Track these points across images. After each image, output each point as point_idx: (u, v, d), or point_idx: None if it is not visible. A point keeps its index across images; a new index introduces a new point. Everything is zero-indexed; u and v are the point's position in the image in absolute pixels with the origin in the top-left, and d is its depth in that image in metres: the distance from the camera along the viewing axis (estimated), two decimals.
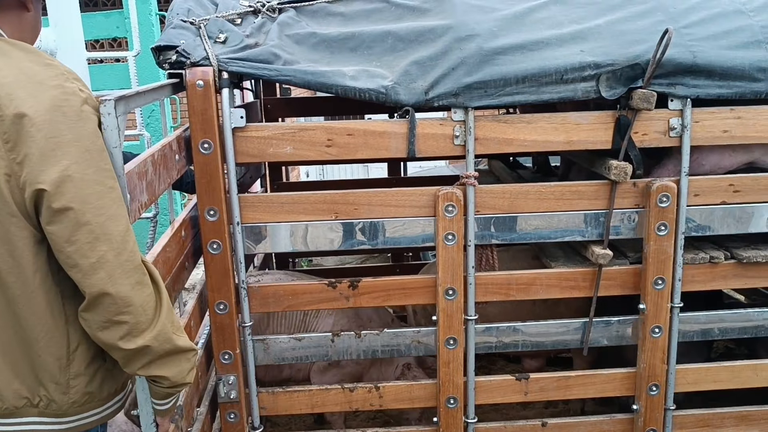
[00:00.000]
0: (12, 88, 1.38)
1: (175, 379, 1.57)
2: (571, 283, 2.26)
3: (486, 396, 2.34)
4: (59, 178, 1.36)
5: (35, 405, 1.55)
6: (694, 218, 2.22)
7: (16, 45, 1.48)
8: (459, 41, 2.08)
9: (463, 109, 2.07)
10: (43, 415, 1.56)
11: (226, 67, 2.00)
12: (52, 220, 1.39)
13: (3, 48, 1.45)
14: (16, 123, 1.36)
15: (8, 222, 1.41)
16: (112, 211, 1.44)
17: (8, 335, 1.50)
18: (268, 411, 2.31)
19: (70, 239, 1.40)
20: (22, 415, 1.55)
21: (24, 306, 1.47)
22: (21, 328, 1.49)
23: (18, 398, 1.54)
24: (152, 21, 4.80)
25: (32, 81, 1.40)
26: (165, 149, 1.85)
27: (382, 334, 2.29)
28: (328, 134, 2.08)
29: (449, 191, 2.11)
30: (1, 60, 1.42)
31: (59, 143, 1.37)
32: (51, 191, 1.36)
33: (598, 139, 2.14)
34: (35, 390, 1.54)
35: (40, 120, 1.36)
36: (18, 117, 1.36)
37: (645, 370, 2.30)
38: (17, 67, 1.41)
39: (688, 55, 2.08)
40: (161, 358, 1.53)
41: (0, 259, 1.44)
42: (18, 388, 1.53)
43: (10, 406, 1.54)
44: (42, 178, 1.36)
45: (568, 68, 2.05)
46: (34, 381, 1.54)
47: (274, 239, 2.16)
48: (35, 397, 1.55)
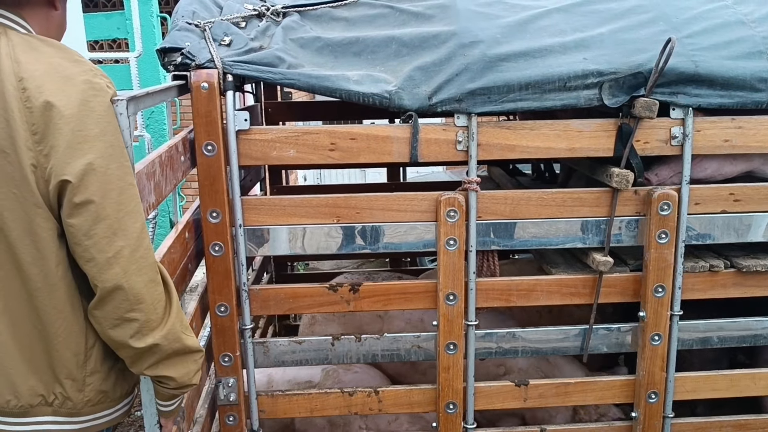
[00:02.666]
0: (42, 81, 1.40)
1: (182, 380, 1.58)
2: (571, 290, 2.27)
3: (485, 402, 2.34)
4: (83, 170, 1.39)
5: (50, 403, 1.55)
6: (695, 227, 2.23)
7: (45, 41, 1.51)
8: (463, 47, 2.10)
9: (466, 115, 2.08)
10: (57, 414, 1.57)
11: (230, 69, 2.00)
12: (73, 213, 1.41)
13: (33, 43, 1.47)
14: (45, 115, 1.38)
15: (33, 213, 1.42)
16: (131, 208, 1.46)
17: (27, 329, 1.51)
18: (267, 414, 2.31)
19: (89, 233, 1.41)
20: (36, 414, 1.56)
21: (45, 299, 1.48)
22: (40, 323, 1.50)
23: (33, 395, 1.54)
24: (153, 22, 4.81)
25: (61, 75, 1.43)
26: (171, 150, 1.86)
27: (382, 339, 2.29)
28: (331, 138, 2.09)
29: (451, 196, 2.12)
30: (32, 54, 1.44)
31: (86, 137, 1.40)
32: (75, 183, 1.39)
33: (600, 147, 2.15)
34: (51, 387, 1.55)
35: (69, 113, 1.39)
36: (47, 108, 1.38)
37: (644, 378, 2.31)
38: (47, 62, 1.44)
39: (690, 65, 2.10)
40: (169, 358, 1.54)
41: (24, 251, 1.45)
42: (34, 385, 1.54)
43: (25, 404, 1.54)
44: (67, 170, 1.38)
45: (571, 76, 2.07)
46: (50, 377, 1.54)
47: (276, 242, 2.16)
48: (50, 394, 1.55)
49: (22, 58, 1.42)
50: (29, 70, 1.41)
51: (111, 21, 4.99)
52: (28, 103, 1.39)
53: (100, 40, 5.90)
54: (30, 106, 1.39)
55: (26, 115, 1.39)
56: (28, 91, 1.39)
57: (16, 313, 1.50)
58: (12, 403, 1.54)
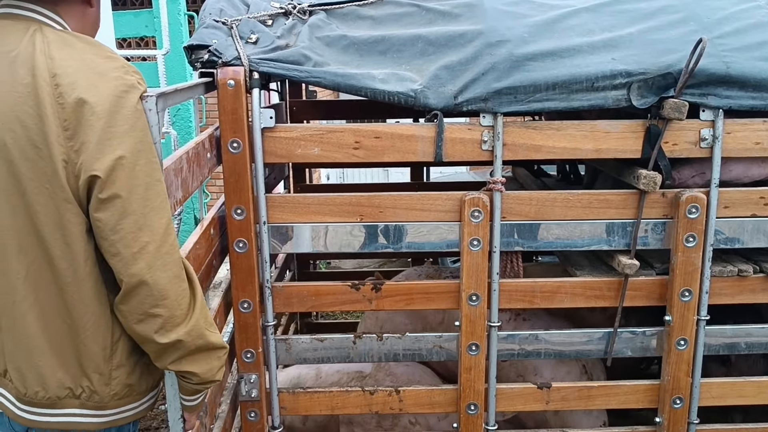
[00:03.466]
0: (75, 77, 1.42)
1: (205, 375, 1.59)
2: (596, 293, 2.25)
3: (507, 403, 2.33)
4: (112, 165, 1.40)
5: (77, 396, 1.57)
6: (723, 230, 2.19)
7: (79, 38, 1.53)
8: (490, 46, 2.08)
9: (492, 115, 2.07)
10: (84, 407, 1.59)
11: (257, 67, 2.01)
12: (100, 207, 1.42)
13: (68, 40, 1.49)
14: (77, 111, 1.40)
15: (63, 208, 1.44)
16: (157, 204, 1.47)
17: (57, 323, 1.53)
18: (288, 411, 2.31)
19: (115, 227, 1.43)
20: (63, 406, 1.58)
21: (74, 293, 1.50)
22: (69, 317, 1.52)
23: (61, 388, 1.56)
24: (181, 20, 4.84)
25: (94, 72, 1.44)
26: (198, 147, 1.87)
27: (404, 338, 2.29)
28: (355, 136, 2.09)
29: (476, 196, 2.11)
30: (66, 50, 1.46)
31: (115, 133, 1.41)
32: (103, 178, 1.40)
33: (628, 148, 2.13)
34: (78, 380, 1.57)
35: (100, 109, 1.41)
36: (79, 104, 1.40)
37: (669, 383, 2.28)
38: (80, 58, 1.46)
39: (721, 66, 2.06)
40: (193, 354, 1.55)
41: (55, 245, 1.47)
42: (62, 378, 1.55)
43: (53, 395, 1.56)
44: (97, 166, 1.40)
45: (599, 76, 2.04)
46: (78, 371, 1.56)
47: (300, 240, 2.16)
48: (78, 387, 1.57)
49: (56, 54, 1.44)
50: (62, 66, 1.42)
51: (139, 19, 5.04)
52: (61, 99, 1.40)
53: (129, 37, 5.97)
54: (62, 102, 1.40)
55: (58, 110, 1.40)
56: (60, 87, 1.40)
57: (46, 307, 1.52)
58: (40, 395, 1.56)
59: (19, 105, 1.41)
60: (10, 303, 1.52)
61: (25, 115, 1.41)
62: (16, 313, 1.52)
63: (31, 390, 1.56)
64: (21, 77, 1.42)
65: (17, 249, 1.48)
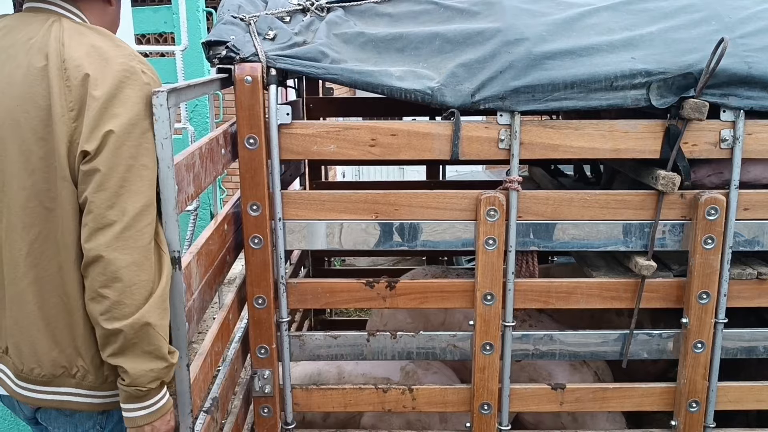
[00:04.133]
0: (81, 60, 1.50)
1: (134, 375, 1.52)
2: (612, 294, 2.23)
3: (520, 404, 2.31)
4: (100, 140, 1.47)
5: (73, 375, 1.61)
6: (743, 233, 2.16)
7: (94, 29, 1.61)
8: (508, 45, 2.07)
9: (509, 113, 2.05)
10: (80, 387, 1.62)
11: (274, 63, 2.01)
12: (82, 180, 1.49)
13: (82, 30, 1.59)
14: (82, 90, 1.48)
15: (61, 186, 1.51)
16: (136, 187, 1.50)
17: (54, 301, 1.57)
18: (301, 407, 2.32)
19: (90, 198, 1.48)
20: (59, 384, 1.62)
21: (71, 272, 1.55)
22: (66, 295, 1.56)
23: (56, 366, 1.59)
24: (199, 17, 4.86)
25: (101, 57, 1.52)
26: (212, 143, 1.87)
27: (418, 336, 2.28)
28: (372, 134, 2.08)
29: (492, 195, 2.10)
30: (77, 38, 1.55)
31: (111, 114, 1.48)
32: (91, 153, 1.47)
33: (647, 149, 2.10)
34: (74, 360, 1.60)
35: (100, 92, 1.48)
36: (83, 83, 1.49)
37: (685, 386, 2.25)
38: (89, 45, 1.54)
39: (743, 66, 2.03)
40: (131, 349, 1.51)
41: (59, 223, 1.53)
42: (57, 356, 1.59)
43: (48, 373, 1.60)
44: (88, 143, 1.47)
45: (618, 75, 2.02)
46: (73, 350, 1.59)
47: (314, 236, 2.16)
48: (73, 367, 1.60)
49: (67, 41, 1.53)
50: (71, 51, 1.51)
51: (158, 15, 5.07)
52: (68, 82, 1.49)
53: (148, 33, 5.99)
54: (69, 84, 1.49)
55: (66, 92, 1.48)
56: (68, 70, 1.50)
57: (45, 285, 1.56)
58: (36, 372, 1.60)
59: (33, 87, 1.50)
60: (13, 279, 1.58)
61: (38, 96, 1.50)
62: (17, 289, 1.57)
63: (27, 366, 1.60)
64: (36, 61, 1.52)
65: (22, 226, 1.54)
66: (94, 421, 1.70)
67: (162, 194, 1.52)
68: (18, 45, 1.56)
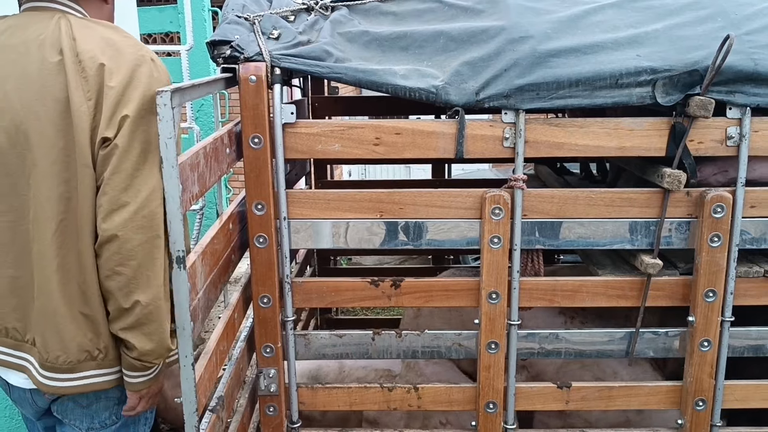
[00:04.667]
0: (94, 52, 1.61)
1: (142, 350, 1.66)
2: (617, 292, 2.22)
3: (526, 402, 2.31)
4: (118, 126, 1.58)
5: (94, 358, 1.71)
6: (750, 231, 2.15)
7: (98, 22, 1.74)
8: (512, 42, 2.06)
9: (514, 111, 2.05)
10: (100, 367, 1.72)
11: (278, 63, 2.01)
12: (101, 163, 1.59)
13: (88, 24, 1.70)
14: (98, 80, 1.58)
15: (83, 173, 1.60)
16: (147, 170, 1.61)
17: (74, 287, 1.65)
18: (306, 406, 2.32)
19: (107, 181, 1.58)
20: (82, 369, 1.71)
21: (89, 257, 1.64)
22: (84, 282, 1.65)
23: (80, 351, 1.68)
24: (205, 16, 4.87)
25: (112, 48, 1.63)
26: (216, 142, 1.87)
27: (423, 335, 2.28)
28: (376, 132, 2.08)
29: (497, 193, 2.09)
30: (86, 31, 1.65)
31: (127, 99, 1.60)
32: (111, 138, 1.58)
33: (652, 146, 2.09)
34: (96, 343, 1.70)
35: (116, 82, 1.59)
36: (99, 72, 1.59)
37: (692, 384, 2.25)
38: (99, 37, 1.64)
39: (749, 63, 2.02)
40: (141, 326, 1.64)
41: (79, 211, 1.62)
42: (81, 341, 1.68)
43: (74, 359, 1.69)
44: (108, 129, 1.58)
45: (623, 73, 2.01)
46: (94, 334, 1.69)
47: (319, 235, 2.17)
48: (95, 350, 1.70)
49: (78, 35, 1.62)
50: (83, 44, 1.61)
51: (164, 15, 5.08)
52: (84, 74, 1.58)
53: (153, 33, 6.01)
54: (86, 76, 1.58)
55: (83, 84, 1.58)
56: (83, 62, 1.59)
57: (68, 272, 1.64)
58: (61, 359, 1.67)
59: (50, 81, 1.59)
60: (41, 268, 1.65)
61: (55, 90, 1.59)
62: (44, 277, 1.65)
63: (52, 355, 1.67)
64: (50, 56, 1.60)
65: (47, 216, 1.62)
66: (110, 412, 1.81)
67: (166, 193, 1.53)
68: (29, 42, 1.63)
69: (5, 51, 1.66)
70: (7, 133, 1.62)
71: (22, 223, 1.66)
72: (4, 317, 1.73)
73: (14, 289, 1.70)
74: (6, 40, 1.67)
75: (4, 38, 1.68)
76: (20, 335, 1.73)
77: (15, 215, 1.66)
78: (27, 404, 1.83)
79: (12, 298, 1.71)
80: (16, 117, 1.61)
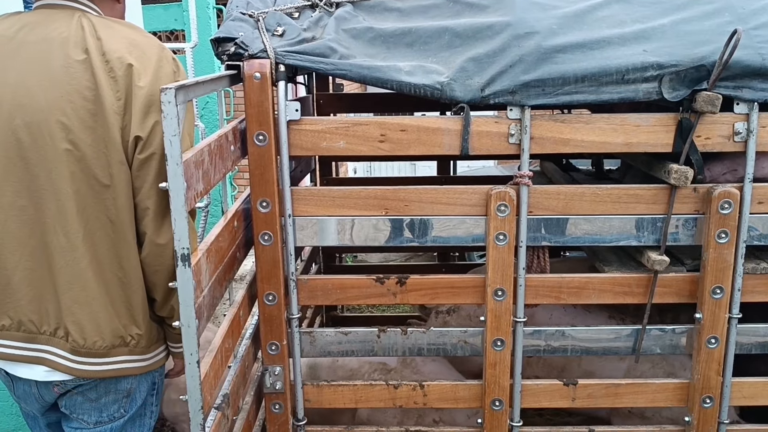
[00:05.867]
0: (122, 53, 1.66)
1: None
2: (624, 289, 2.21)
3: (532, 400, 2.30)
4: (152, 127, 1.65)
5: (127, 344, 1.79)
6: (757, 227, 2.14)
7: (118, 21, 1.78)
8: (518, 38, 2.05)
9: (519, 108, 2.04)
10: (132, 354, 1.81)
11: (283, 59, 2.01)
12: (141, 166, 1.67)
13: (108, 23, 1.74)
14: (127, 80, 1.65)
15: (118, 169, 1.67)
16: None
17: (109, 277, 1.74)
18: (312, 404, 2.32)
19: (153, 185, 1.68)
20: (115, 354, 1.79)
21: (127, 248, 1.73)
22: (121, 270, 1.75)
23: (115, 337, 1.77)
24: (209, 14, 4.87)
25: (138, 48, 1.69)
26: (221, 140, 1.87)
27: (429, 333, 2.28)
28: (381, 129, 2.07)
29: (502, 190, 2.08)
30: (108, 31, 1.69)
31: (155, 101, 1.67)
32: (144, 139, 1.65)
33: (659, 142, 2.08)
34: (129, 329, 1.78)
35: (143, 83, 1.65)
36: (128, 73, 1.65)
37: (699, 382, 2.23)
38: (123, 36, 1.69)
39: (756, 58, 2.00)
40: None
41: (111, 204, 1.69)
42: (116, 327, 1.77)
43: (109, 344, 1.77)
44: (140, 129, 1.65)
45: (629, 68, 2.00)
46: (129, 320, 1.78)
47: (325, 233, 2.16)
48: (128, 336, 1.78)
49: (103, 35, 1.67)
50: (108, 44, 1.66)
51: (168, 12, 5.09)
52: (112, 73, 1.64)
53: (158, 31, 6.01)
54: (114, 75, 1.64)
55: (111, 83, 1.63)
56: (111, 62, 1.64)
57: (103, 263, 1.72)
58: (98, 344, 1.75)
59: (76, 79, 1.63)
60: (72, 260, 1.70)
61: (82, 88, 1.63)
62: (76, 269, 1.70)
63: (89, 340, 1.74)
64: (76, 55, 1.64)
65: (76, 210, 1.67)
66: (118, 405, 1.86)
67: (171, 191, 1.52)
68: (51, 39, 1.66)
69: (25, 48, 1.67)
70: (29, 128, 1.65)
71: (42, 218, 1.70)
72: (20, 309, 1.75)
73: (31, 281, 1.73)
74: (24, 37, 1.68)
75: (22, 35, 1.69)
76: (36, 327, 1.76)
77: (34, 210, 1.70)
78: (32, 399, 1.84)
79: (29, 291, 1.74)
80: (40, 113, 1.63)
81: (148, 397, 1.94)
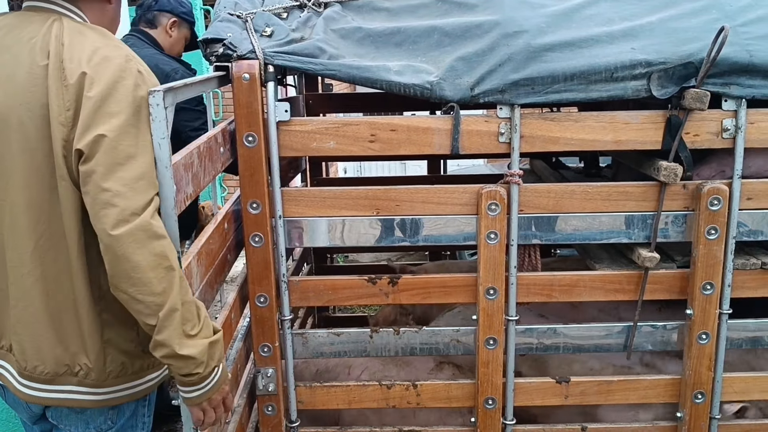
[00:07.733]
0: (81, 60, 1.51)
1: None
2: (615, 286, 2.22)
3: (525, 398, 2.31)
4: (93, 140, 1.46)
5: (75, 373, 1.63)
6: (746, 222, 2.15)
7: (94, 29, 1.63)
8: (506, 37, 2.05)
9: (509, 106, 2.04)
10: (82, 385, 1.63)
11: (271, 60, 2.00)
12: (83, 181, 1.48)
13: (82, 29, 1.60)
14: (78, 89, 1.49)
15: (61, 185, 1.52)
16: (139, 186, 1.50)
17: (59, 299, 1.59)
18: (305, 405, 2.31)
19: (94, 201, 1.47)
20: (62, 382, 1.63)
21: (78, 269, 1.57)
22: (73, 291, 1.58)
23: (59, 364, 1.61)
24: (197, 15, 4.85)
25: (99, 56, 1.53)
26: (210, 142, 1.86)
27: (421, 332, 2.28)
28: (371, 129, 2.07)
29: (493, 189, 2.09)
30: (78, 38, 1.56)
31: (104, 113, 1.48)
32: (86, 153, 1.47)
33: (648, 139, 2.09)
34: (77, 358, 1.61)
35: (94, 92, 1.48)
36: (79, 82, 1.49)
37: (690, 378, 2.25)
38: (89, 45, 1.55)
39: (744, 55, 2.02)
40: None
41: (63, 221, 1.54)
42: (60, 354, 1.61)
43: (51, 371, 1.62)
44: (82, 141, 1.46)
45: (618, 66, 2.01)
46: (78, 347, 1.61)
47: (316, 233, 2.16)
48: (75, 365, 1.62)
49: (67, 41, 1.54)
50: (71, 50, 1.52)
51: None
52: (65, 81, 1.50)
53: None
54: (66, 84, 1.49)
55: (63, 92, 1.49)
56: (66, 70, 1.50)
57: (51, 282, 1.58)
58: (39, 369, 1.61)
59: (36, 86, 1.52)
60: (19, 277, 1.58)
61: (40, 95, 1.51)
62: (21, 287, 1.58)
63: (30, 364, 1.61)
64: (39, 60, 1.53)
65: (27, 224, 1.55)
66: (105, 417, 1.73)
67: (160, 194, 1.51)
68: (21, 43, 1.57)
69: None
70: None
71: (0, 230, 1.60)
72: None
73: None
74: (0, 40, 1.61)
75: None
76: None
77: None
78: (21, 409, 1.80)
79: None
80: (2, 122, 1.54)
81: (139, 408, 1.81)
